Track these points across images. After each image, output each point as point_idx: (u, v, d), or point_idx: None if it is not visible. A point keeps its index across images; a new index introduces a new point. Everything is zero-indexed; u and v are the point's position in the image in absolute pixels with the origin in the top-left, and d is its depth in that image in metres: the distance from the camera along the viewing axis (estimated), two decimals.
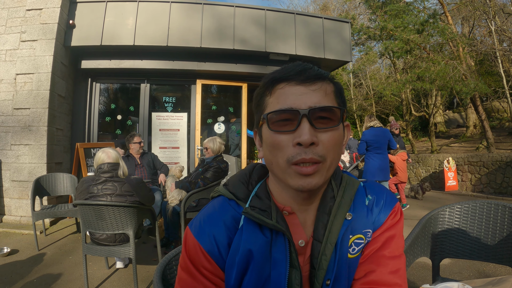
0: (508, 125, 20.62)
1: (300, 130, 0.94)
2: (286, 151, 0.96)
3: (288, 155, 0.95)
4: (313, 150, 0.94)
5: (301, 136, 0.93)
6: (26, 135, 6.68)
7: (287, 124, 0.97)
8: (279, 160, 0.98)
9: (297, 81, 0.99)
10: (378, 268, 1.05)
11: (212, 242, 1.05)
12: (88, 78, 8.33)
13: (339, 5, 29.33)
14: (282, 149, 0.97)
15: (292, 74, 1.00)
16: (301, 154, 0.94)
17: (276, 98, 1.00)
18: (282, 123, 0.97)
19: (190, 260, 1.07)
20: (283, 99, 0.98)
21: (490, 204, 2.34)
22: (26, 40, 6.90)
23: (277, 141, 0.97)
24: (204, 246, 1.05)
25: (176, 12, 7.82)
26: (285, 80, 1.00)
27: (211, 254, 1.05)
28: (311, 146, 0.94)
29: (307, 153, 0.94)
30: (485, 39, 19.79)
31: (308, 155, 0.93)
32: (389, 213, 1.11)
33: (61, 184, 6.05)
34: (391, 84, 20.31)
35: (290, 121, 0.96)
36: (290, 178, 0.97)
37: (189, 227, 1.12)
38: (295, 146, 0.95)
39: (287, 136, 0.96)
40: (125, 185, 3.83)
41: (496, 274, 4.37)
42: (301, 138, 0.93)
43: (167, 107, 9.00)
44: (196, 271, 1.06)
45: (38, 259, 4.93)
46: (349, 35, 9.10)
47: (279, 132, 0.97)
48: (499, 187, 11.39)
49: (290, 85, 0.99)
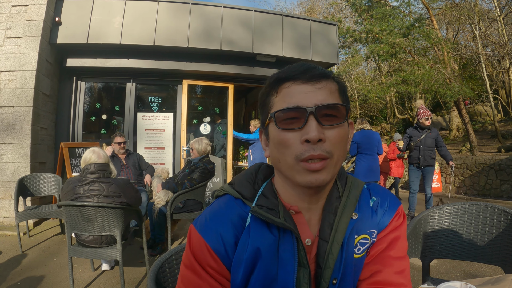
0: (490, 128, 20.91)
1: (307, 127, 0.96)
2: (294, 148, 0.97)
3: (297, 152, 0.97)
4: (321, 147, 0.95)
5: (309, 133, 0.95)
6: (10, 134, 6.57)
7: (294, 122, 0.98)
8: (287, 158, 0.99)
9: (302, 79, 1.01)
10: (384, 269, 1.07)
11: (219, 241, 1.05)
12: (73, 77, 8.23)
13: (325, 8, 29.60)
14: (290, 146, 0.98)
15: (297, 73, 1.01)
16: (309, 151, 0.95)
17: (282, 97, 1.02)
18: (290, 121, 0.99)
19: (195, 258, 1.06)
20: (289, 97, 1.00)
21: (479, 205, 2.37)
22: (11, 36, 6.79)
23: (285, 139, 0.99)
24: (210, 244, 1.04)
25: (164, 11, 7.77)
26: (290, 79, 1.02)
27: (217, 253, 1.04)
28: (319, 143, 0.95)
29: (315, 149, 0.95)
30: (469, 44, 20.11)
31: (317, 152, 0.95)
32: (394, 214, 1.14)
33: (45, 185, 5.96)
34: (376, 87, 20.47)
35: (297, 119, 0.98)
36: (298, 174, 0.98)
37: (193, 225, 1.11)
38: (303, 143, 0.96)
39: (295, 134, 0.98)
40: (112, 186, 3.78)
41: (482, 274, 4.44)
42: (309, 135, 0.94)
43: (153, 107, 8.93)
44: (201, 269, 1.05)
45: (22, 261, 4.85)
46: (336, 38, 9.14)
47: (287, 130, 0.99)
48: (483, 189, 11.57)
49: (296, 83, 1.01)
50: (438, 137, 7.40)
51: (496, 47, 17.50)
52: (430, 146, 7.34)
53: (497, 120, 18.85)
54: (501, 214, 2.26)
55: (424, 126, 7.41)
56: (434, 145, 7.34)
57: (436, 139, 7.36)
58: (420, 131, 7.49)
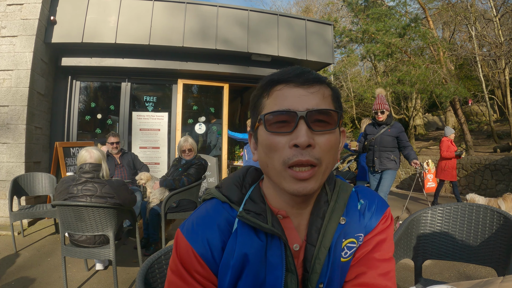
0: (486, 128, 20.97)
1: (297, 131, 0.93)
2: (282, 152, 0.95)
3: (285, 157, 0.94)
4: (310, 153, 0.93)
5: (298, 137, 0.92)
6: (4, 133, 6.55)
7: (284, 126, 0.96)
8: (275, 162, 0.97)
9: (295, 83, 0.98)
10: (368, 271, 1.06)
11: (206, 246, 1.03)
12: (68, 76, 8.21)
13: (321, 8, 29.60)
14: (278, 150, 0.96)
15: (290, 76, 0.99)
16: (297, 156, 0.93)
17: (273, 100, 0.99)
18: (279, 124, 0.96)
19: (182, 264, 1.05)
20: (280, 100, 0.98)
21: (472, 206, 2.37)
22: (5, 35, 6.77)
23: (274, 142, 0.96)
24: (197, 250, 1.03)
25: (159, 10, 7.76)
26: (283, 82, 0.99)
27: (204, 258, 1.02)
28: (308, 148, 0.93)
29: (304, 154, 0.93)
30: (465, 44, 20.10)
31: (305, 157, 0.93)
32: (381, 217, 1.12)
33: (40, 184, 5.94)
34: (372, 86, 20.46)
35: (287, 122, 0.95)
36: (285, 182, 0.96)
37: (180, 230, 1.09)
38: (291, 148, 0.94)
39: (284, 138, 0.95)
40: (105, 187, 3.76)
41: (476, 274, 4.45)
42: (298, 140, 0.92)
43: (148, 107, 8.92)
44: (187, 275, 1.03)
45: (16, 260, 4.84)
46: (331, 38, 9.15)
47: (276, 133, 0.96)
48: (478, 189, 11.59)
49: (288, 87, 0.98)
50: (401, 135, 6.10)
51: (492, 47, 17.52)
52: (388, 146, 6.12)
53: (492, 120, 18.89)
54: (494, 215, 2.26)
55: (380, 122, 6.23)
56: (394, 145, 6.13)
57: (398, 137, 6.09)
58: (377, 127, 6.30)
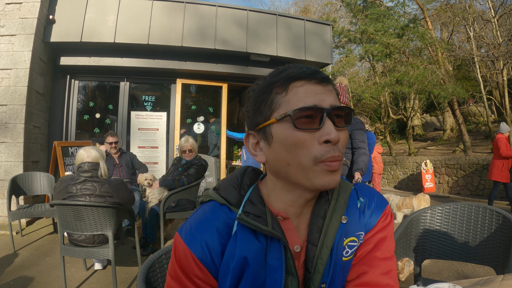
0: (484, 129, 21.02)
1: (326, 127, 0.93)
2: (311, 149, 0.93)
3: (316, 153, 0.93)
4: (338, 148, 0.94)
5: (330, 133, 0.92)
6: (3, 132, 6.54)
7: (308, 122, 0.94)
8: (303, 160, 0.94)
9: (316, 79, 0.98)
10: (370, 270, 1.05)
11: (205, 250, 1.02)
12: (66, 75, 8.20)
13: (320, 8, 29.62)
14: (307, 147, 0.94)
15: (308, 74, 0.98)
16: (330, 152, 0.93)
17: (295, 96, 0.97)
18: (304, 120, 0.94)
19: (181, 268, 1.04)
20: (304, 96, 0.96)
21: (471, 206, 2.38)
22: (4, 34, 6.76)
23: (302, 139, 0.94)
24: (196, 254, 1.01)
25: (158, 10, 7.75)
26: (303, 79, 0.98)
27: (203, 262, 1.01)
28: (337, 144, 0.94)
29: (335, 150, 0.93)
30: (463, 45, 20.15)
31: (336, 153, 0.93)
32: (381, 215, 1.12)
33: (38, 183, 5.94)
34: (370, 87, 20.52)
35: (312, 118, 0.94)
36: (315, 176, 0.95)
37: (178, 234, 1.08)
38: (321, 144, 0.93)
39: (311, 134, 0.94)
40: (104, 186, 3.76)
41: (474, 274, 4.45)
42: (331, 136, 0.92)
43: (147, 106, 8.92)
44: (187, 280, 1.03)
45: (14, 260, 4.83)
46: (330, 38, 9.16)
47: (304, 130, 0.94)
48: (476, 189, 11.61)
49: (310, 83, 0.97)
50: (354, 132, 4.77)
51: (490, 48, 17.56)
52: None
53: (490, 120, 18.89)
54: (493, 214, 2.26)
55: None
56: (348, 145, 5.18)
57: (351, 135, 4.76)
58: None
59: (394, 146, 23.23)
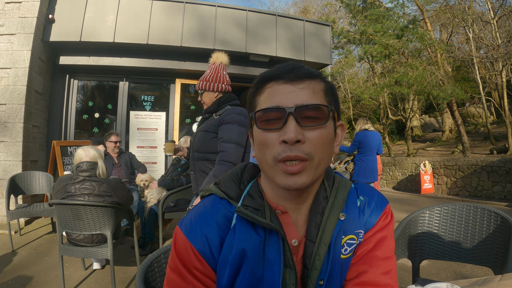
0: (483, 130, 21.03)
1: (286, 128, 0.95)
2: (273, 148, 0.97)
3: (275, 152, 0.96)
4: (299, 148, 0.94)
5: (286, 133, 0.94)
6: (2, 131, 6.54)
7: (274, 123, 0.97)
8: (267, 158, 0.98)
9: (285, 79, 1.00)
10: (370, 269, 1.06)
11: (204, 242, 1.03)
12: (66, 75, 8.19)
13: (319, 8, 29.67)
14: (270, 146, 0.97)
15: (281, 73, 1.01)
16: (286, 152, 0.94)
17: (265, 97, 1.02)
18: (270, 121, 0.98)
19: (180, 260, 1.05)
20: (271, 97, 1.00)
21: (469, 206, 2.39)
22: (4, 33, 6.76)
23: (265, 139, 0.98)
24: (195, 246, 1.03)
25: (158, 10, 7.75)
26: (274, 79, 1.01)
27: (202, 254, 1.03)
28: (297, 144, 0.94)
29: (292, 150, 0.94)
30: (462, 46, 20.17)
31: (293, 153, 0.94)
32: (381, 214, 1.12)
33: (37, 183, 5.93)
34: (369, 88, 20.49)
35: (278, 119, 0.97)
36: (277, 176, 0.98)
37: (179, 227, 1.09)
38: (281, 144, 0.95)
39: (275, 134, 0.97)
40: (103, 185, 3.76)
41: (472, 275, 4.45)
42: (286, 136, 0.94)
43: (146, 106, 8.91)
44: (186, 272, 1.04)
45: (13, 259, 4.83)
46: (329, 38, 9.16)
47: (266, 130, 0.98)
48: (474, 191, 11.62)
49: (278, 83, 1.00)
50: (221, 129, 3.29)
51: (490, 49, 17.56)
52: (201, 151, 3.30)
53: (489, 122, 18.93)
54: (491, 215, 2.27)
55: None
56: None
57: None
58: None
59: (393, 147, 23.23)
